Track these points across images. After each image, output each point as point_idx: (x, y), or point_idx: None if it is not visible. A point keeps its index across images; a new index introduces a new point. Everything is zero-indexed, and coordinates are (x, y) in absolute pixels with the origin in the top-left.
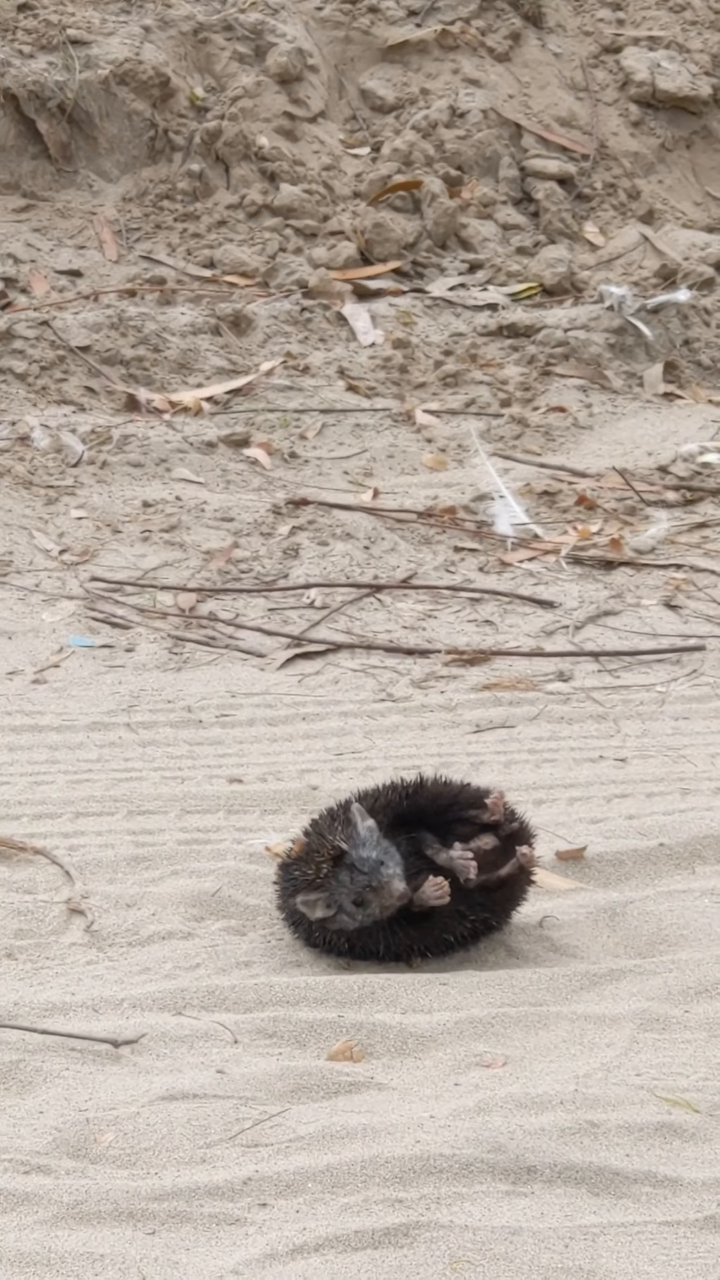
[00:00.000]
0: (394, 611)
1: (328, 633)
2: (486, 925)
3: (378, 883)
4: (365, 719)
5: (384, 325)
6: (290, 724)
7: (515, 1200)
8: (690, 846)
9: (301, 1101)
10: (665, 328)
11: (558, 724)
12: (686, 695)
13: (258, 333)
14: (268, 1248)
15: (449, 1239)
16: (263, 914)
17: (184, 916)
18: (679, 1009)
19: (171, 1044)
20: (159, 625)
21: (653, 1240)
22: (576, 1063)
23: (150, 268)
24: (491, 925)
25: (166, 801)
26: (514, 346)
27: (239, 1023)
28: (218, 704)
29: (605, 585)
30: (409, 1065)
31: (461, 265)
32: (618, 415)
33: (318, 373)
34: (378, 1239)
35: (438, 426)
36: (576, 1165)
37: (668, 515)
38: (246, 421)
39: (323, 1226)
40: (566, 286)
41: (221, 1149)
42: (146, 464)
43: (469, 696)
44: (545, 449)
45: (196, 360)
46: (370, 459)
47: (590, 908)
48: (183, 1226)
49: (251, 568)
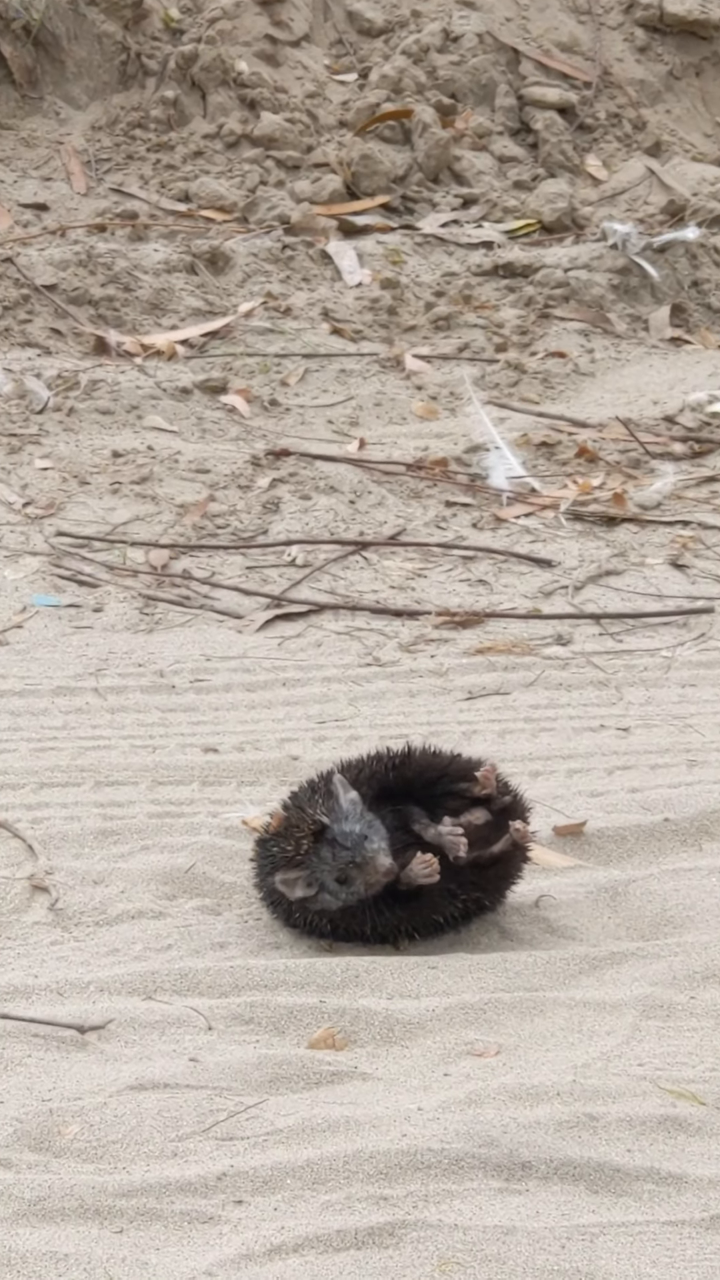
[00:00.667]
0: (381, 570)
1: (310, 593)
2: (479, 905)
3: (362, 858)
4: (349, 685)
5: (371, 264)
6: (269, 690)
7: (508, 1198)
8: (697, 822)
9: (280, 1092)
10: (672, 268)
11: (556, 691)
12: (693, 660)
13: (236, 271)
14: (243, 1248)
15: (437, 1239)
16: (239, 892)
17: (155, 894)
18: (684, 995)
19: (141, 1030)
20: (129, 584)
21: (655, 1241)
22: (574, 1052)
23: (121, 201)
24: (484, 905)
25: (137, 772)
26: (510, 287)
27: (213, 1008)
28: (192, 668)
29: (607, 543)
30: (395, 1054)
31: (455, 200)
32: (621, 361)
33: (300, 314)
34: (361, 1239)
35: (428, 373)
36: (574, 1161)
37: (674, 468)
38: (224, 366)
39: (302, 1225)
40: (567, 223)
41: (194, 1142)
42: (116, 411)
43: (461, 661)
44: (544, 397)
45: (170, 300)
46: (356, 407)
47: (590, 887)
48: (152, 1225)
49: (228, 523)
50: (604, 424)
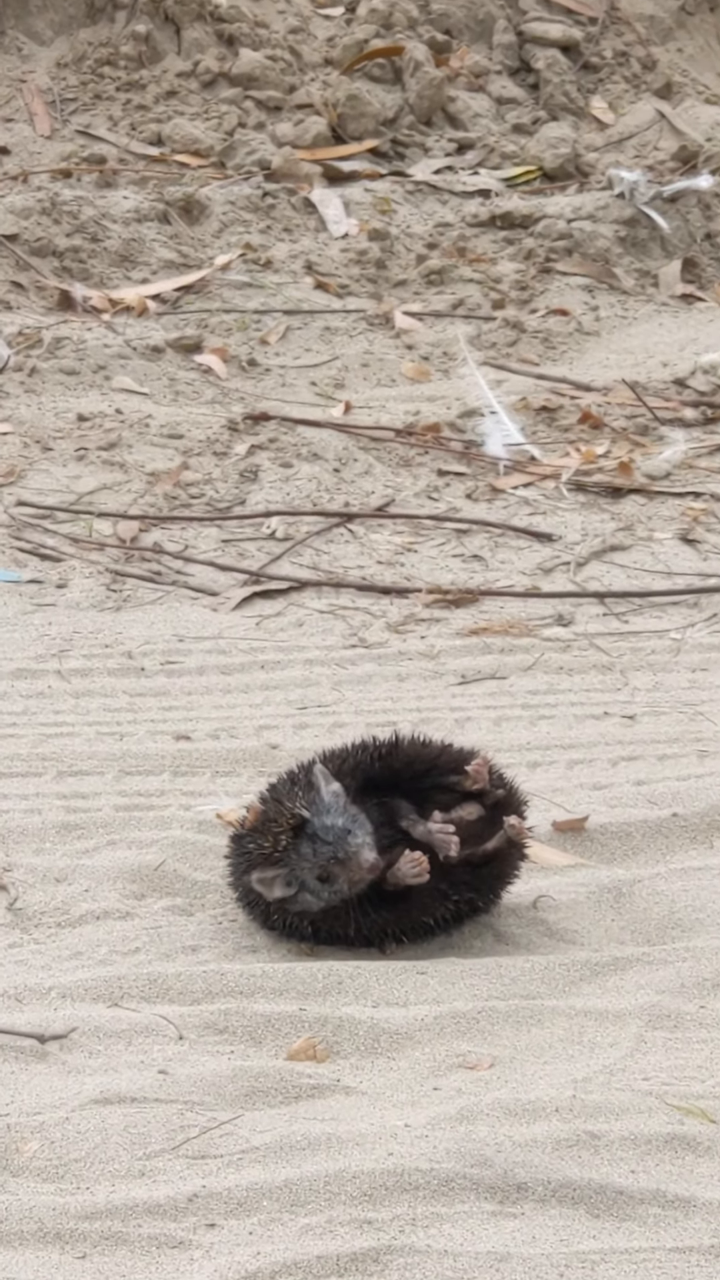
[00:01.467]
0: (368, 544)
1: (290, 568)
2: (472, 906)
3: (344, 853)
4: (333, 668)
5: (358, 213)
6: (246, 673)
7: (502, 1222)
8: (707, 817)
9: (256, 1107)
10: (684, 219)
11: (556, 675)
12: (705, 643)
13: (212, 221)
14: (216, 1275)
15: (425, 1266)
16: (213, 891)
17: (122, 893)
18: (693, 1004)
19: (106, 1040)
20: (95, 558)
21: (661, 1269)
22: (574, 1065)
23: (88, 144)
24: (477, 906)
25: (103, 761)
26: (509, 239)
27: (184, 1016)
28: (163, 649)
29: (612, 516)
30: (381, 1066)
31: (449, 145)
32: (628, 319)
33: (281, 267)
34: (343, 1265)
35: (420, 331)
36: (573, 1183)
37: (685, 435)
38: (198, 323)
39: (279, 1251)
40: (570, 170)
41: (163, 1161)
42: (82, 371)
43: (454, 643)
44: (544, 358)
45: (141, 252)
46: (342, 368)
47: (592, 887)
48: (118, 1250)
49: (203, 492)
50: (609, 387)
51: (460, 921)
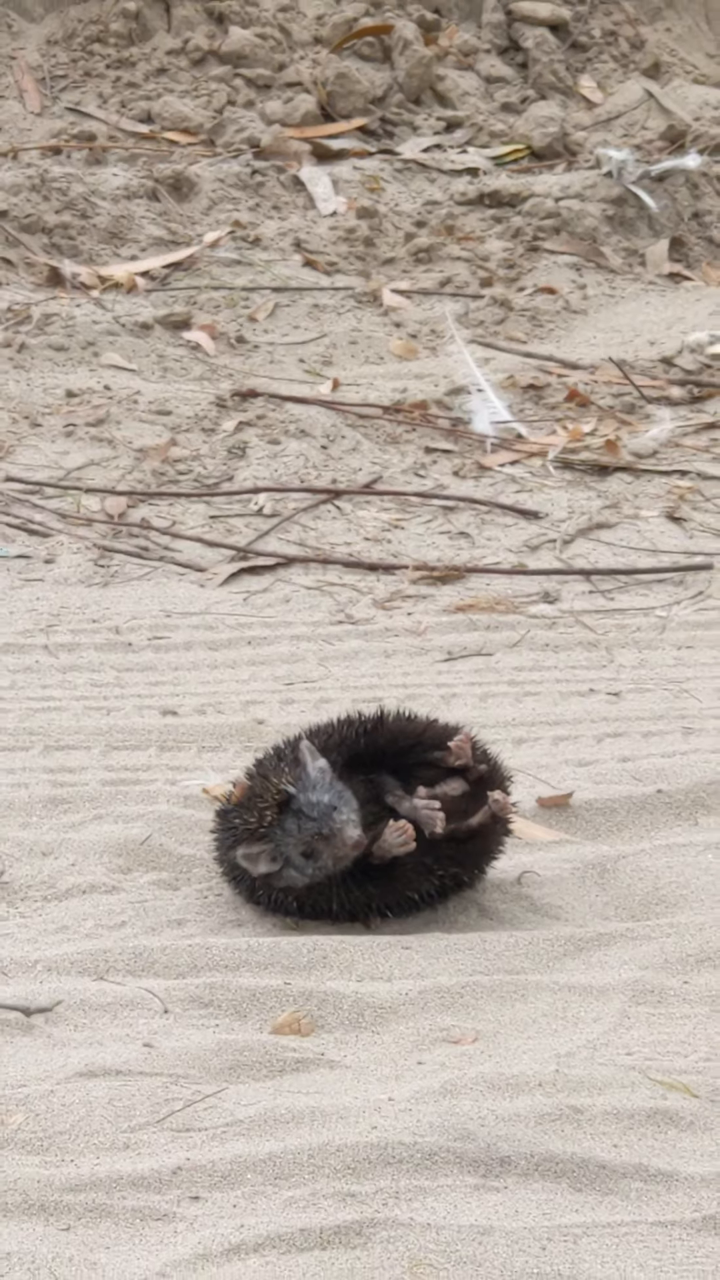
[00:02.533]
0: (355, 521)
1: (278, 544)
2: (456, 881)
3: (329, 830)
4: (320, 643)
5: (347, 191)
6: (233, 649)
7: (485, 1196)
8: (692, 794)
9: (240, 1080)
10: (672, 198)
11: (542, 652)
12: (690, 621)
13: (201, 198)
14: (199, 1247)
15: (408, 1239)
16: (198, 865)
17: (108, 867)
18: (677, 979)
19: (91, 1013)
20: (83, 534)
21: (643, 1243)
22: (558, 1040)
23: (78, 121)
24: (462, 881)
25: (89, 735)
26: (497, 218)
27: (170, 990)
28: (150, 625)
29: (599, 493)
30: (365, 1040)
31: (437, 124)
32: (616, 298)
33: (270, 245)
34: (326, 1238)
35: (408, 309)
36: (556, 1156)
37: (672, 414)
38: (187, 300)
39: (263, 1223)
40: (558, 149)
41: (148, 1133)
42: (71, 347)
43: (440, 619)
44: (531, 336)
45: (130, 229)
46: (330, 345)
47: (576, 863)
48: (102, 1222)
49: (191, 469)
50: (596, 366)
51: (445, 896)
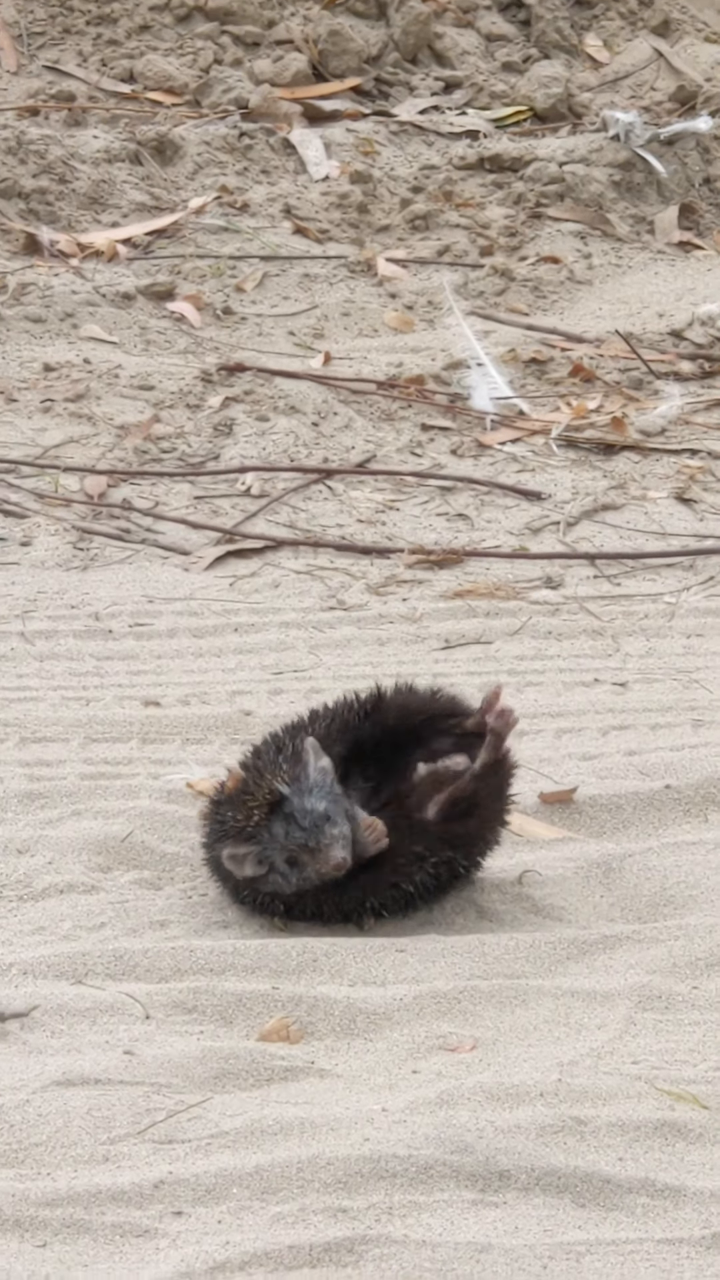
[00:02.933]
0: (347, 502)
1: (266, 526)
2: (451, 870)
3: (316, 844)
4: (310, 631)
5: (340, 155)
6: (219, 636)
7: (484, 1211)
8: (702, 789)
9: (226, 1090)
10: (681, 162)
11: (544, 640)
12: (701, 607)
13: (186, 162)
14: (182, 1265)
15: (402, 1257)
16: (182, 863)
17: (87, 866)
18: (685, 984)
19: (69, 1019)
20: (61, 515)
21: (649, 1261)
22: (560, 1047)
23: (56, 81)
24: (457, 870)
25: (68, 727)
26: (498, 183)
27: (151, 994)
28: (131, 611)
29: (604, 473)
30: (357, 1048)
31: (435, 84)
32: (622, 268)
33: (259, 211)
34: (316, 1256)
35: (404, 279)
36: (558, 1170)
37: (681, 390)
38: (171, 269)
39: (249, 1240)
40: (563, 111)
41: (128, 1145)
42: (49, 319)
43: (437, 606)
44: (534, 308)
45: (111, 194)
46: (321, 317)
47: (580, 861)
48: (80, 1238)
49: (175, 447)
50: (602, 339)
51: (441, 889)
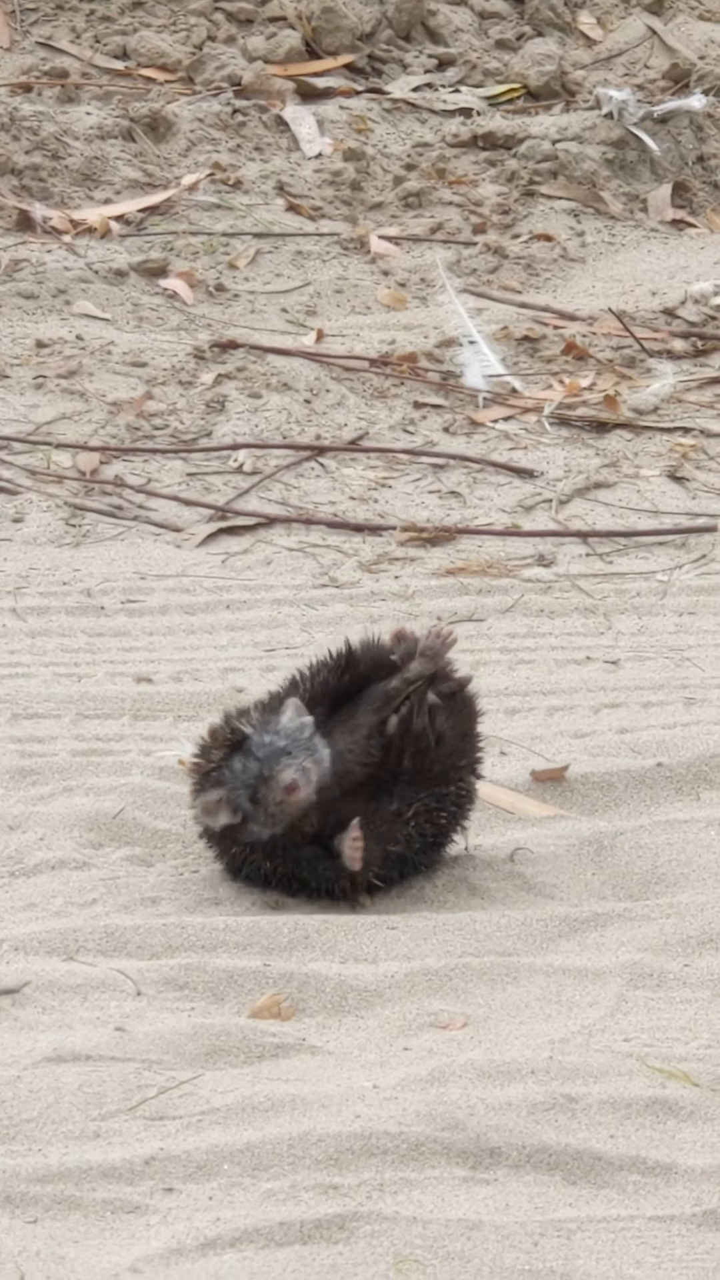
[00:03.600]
0: (339, 479)
1: (259, 504)
2: (434, 823)
3: (270, 772)
4: (302, 608)
5: (333, 132)
6: (211, 613)
7: (475, 1188)
8: (694, 767)
9: (217, 1066)
10: (675, 140)
11: (536, 618)
12: (693, 586)
13: (179, 139)
14: (173, 1241)
15: (394, 1234)
16: (173, 840)
17: (78, 842)
18: (677, 962)
19: (61, 995)
20: (53, 491)
21: (640, 1238)
22: (552, 1025)
23: (50, 58)
24: (439, 821)
25: (59, 704)
26: (491, 160)
27: (143, 971)
28: (123, 587)
29: (597, 451)
30: (348, 1025)
31: (429, 61)
32: (615, 246)
33: (251, 188)
34: (307, 1232)
35: (396, 256)
36: (549, 1148)
37: (674, 368)
38: (164, 246)
39: (240, 1217)
40: (556, 89)
41: (119, 1122)
42: (41, 295)
43: (429, 583)
44: (527, 285)
45: (104, 171)
46: (314, 294)
47: (572, 839)
48: (71, 1214)
49: (168, 423)
50: (595, 317)
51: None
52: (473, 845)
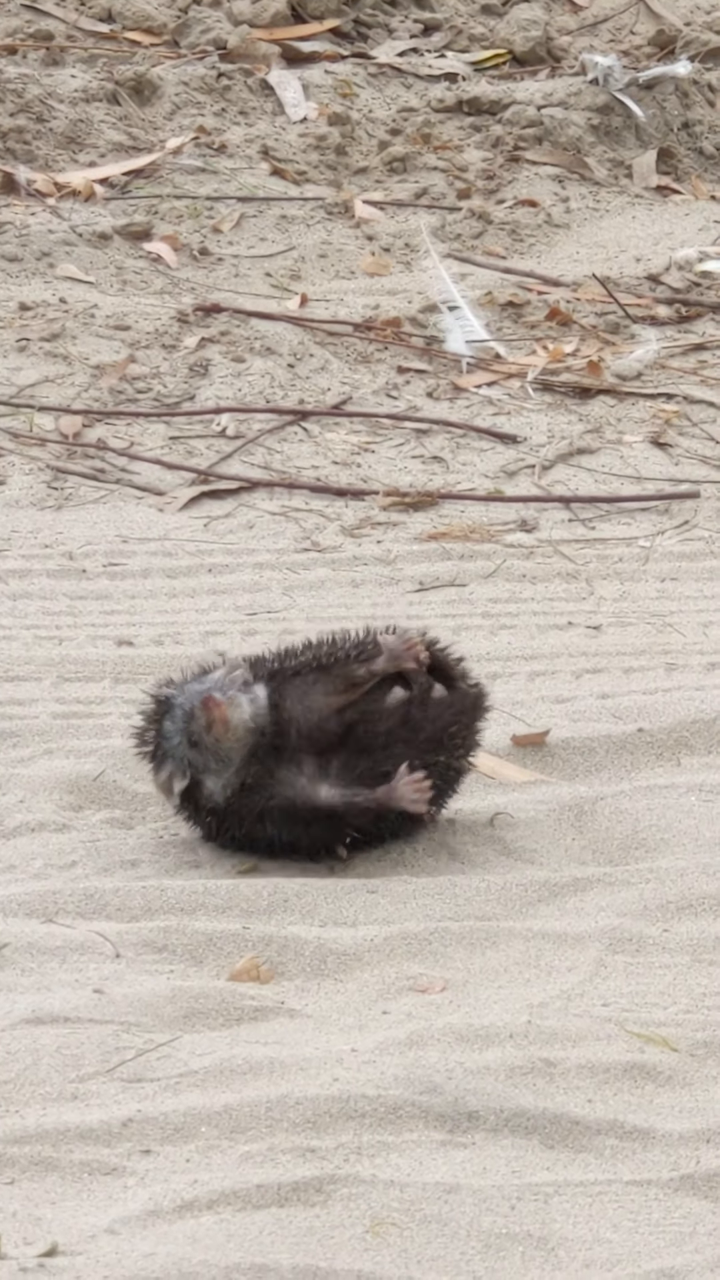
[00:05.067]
0: (322, 443)
1: (241, 468)
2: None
3: (192, 706)
4: (284, 572)
5: (318, 96)
6: (193, 576)
7: (452, 1152)
8: (674, 733)
9: (195, 1029)
10: (660, 107)
11: (518, 583)
12: (675, 551)
13: (164, 102)
14: (150, 1203)
15: (370, 1196)
16: (154, 803)
17: (58, 804)
18: (656, 927)
19: (39, 957)
20: (36, 454)
21: (617, 1202)
22: (531, 989)
23: (34, 20)
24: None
25: (40, 666)
26: (476, 126)
27: (122, 933)
28: (105, 550)
29: (580, 417)
30: (327, 988)
31: (414, 26)
32: (600, 212)
33: (236, 152)
34: (284, 1195)
35: (381, 221)
36: (527, 1112)
37: (658, 334)
38: (148, 209)
39: (217, 1179)
40: (541, 55)
41: (97, 1084)
42: (25, 258)
43: (411, 548)
44: (511, 251)
45: (89, 133)
46: (298, 258)
47: (552, 804)
48: (48, 1175)
49: (151, 387)
50: (579, 282)
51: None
52: (454, 809)
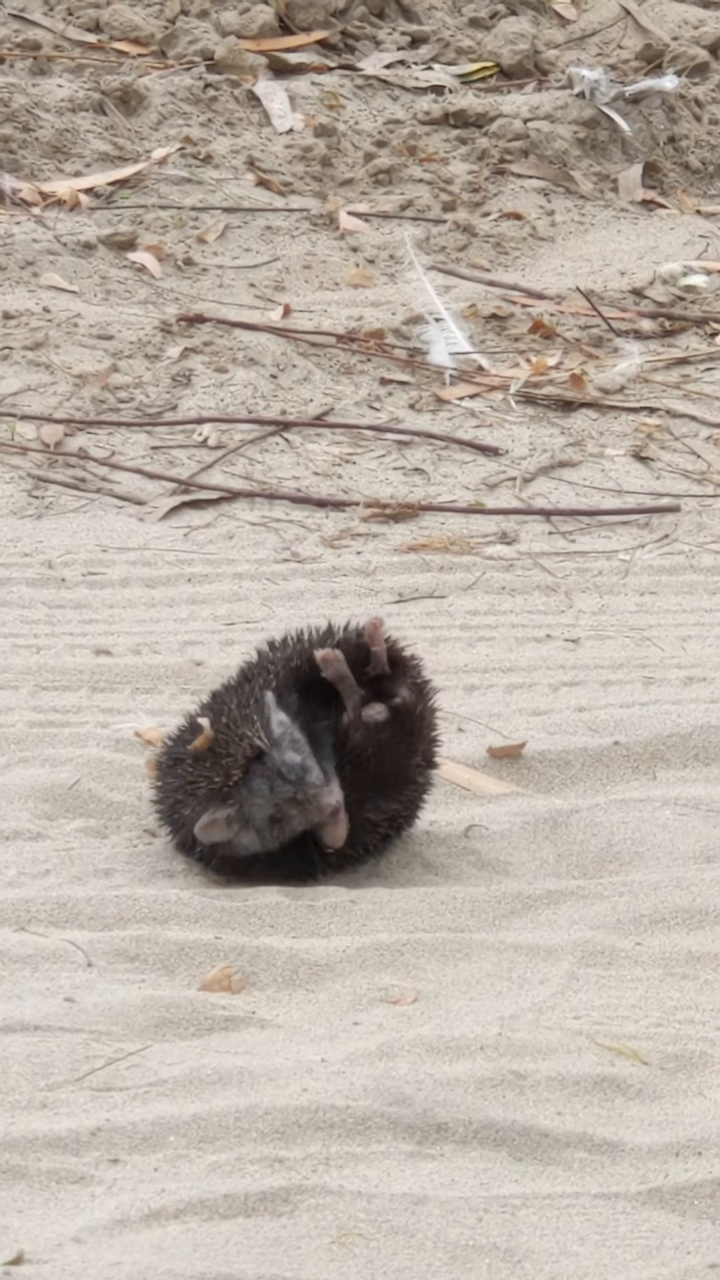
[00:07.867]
0: (304, 454)
1: (222, 478)
2: (395, 823)
3: (304, 795)
4: (264, 582)
5: (305, 108)
6: (172, 586)
7: (420, 1163)
8: (650, 746)
9: (166, 1038)
10: (647, 121)
11: (498, 595)
12: (654, 565)
13: (150, 112)
14: (118, 1211)
15: (338, 1207)
16: (129, 812)
17: (33, 813)
18: (629, 940)
19: (11, 965)
20: (16, 462)
21: (585, 1216)
22: (502, 1001)
23: (22, 29)
24: (399, 820)
25: (17, 674)
26: (462, 138)
27: (94, 942)
28: (85, 559)
29: (562, 430)
30: (298, 999)
31: (401, 38)
32: (585, 225)
33: (222, 163)
34: (252, 1205)
35: (366, 232)
36: (496, 1124)
37: (641, 348)
38: (133, 219)
39: (185, 1188)
40: (528, 68)
41: (66, 1092)
42: (9, 267)
43: (391, 559)
44: (496, 264)
45: (75, 143)
46: (282, 269)
47: (527, 816)
48: (15, 1184)
49: (133, 396)
50: (563, 296)
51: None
52: (428, 821)
